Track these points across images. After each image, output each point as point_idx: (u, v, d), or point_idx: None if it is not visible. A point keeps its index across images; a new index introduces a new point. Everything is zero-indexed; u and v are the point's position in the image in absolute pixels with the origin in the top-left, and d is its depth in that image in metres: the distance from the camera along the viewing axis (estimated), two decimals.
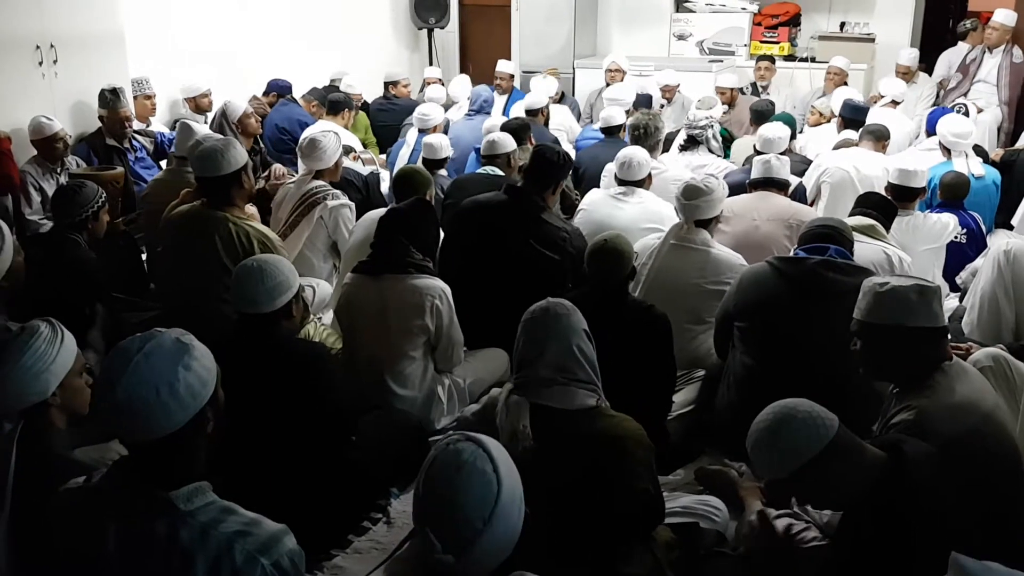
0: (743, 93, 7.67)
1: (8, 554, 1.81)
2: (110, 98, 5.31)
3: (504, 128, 5.28)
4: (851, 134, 5.57)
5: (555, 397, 2.11)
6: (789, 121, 5.96)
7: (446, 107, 7.29)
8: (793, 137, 5.90)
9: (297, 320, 2.79)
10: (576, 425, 2.10)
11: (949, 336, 2.34)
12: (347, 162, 5.27)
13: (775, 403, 2.00)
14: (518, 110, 6.73)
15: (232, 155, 3.44)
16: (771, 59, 7.98)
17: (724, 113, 7.36)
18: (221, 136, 4.38)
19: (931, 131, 5.68)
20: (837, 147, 5.37)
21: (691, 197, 3.54)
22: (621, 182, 4.29)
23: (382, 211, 3.97)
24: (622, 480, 2.08)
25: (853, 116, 5.82)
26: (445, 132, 6.14)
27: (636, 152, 4.34)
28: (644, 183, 4.28)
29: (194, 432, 1.60)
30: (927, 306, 2.20)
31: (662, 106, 7.55)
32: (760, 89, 7.81)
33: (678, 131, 5.98)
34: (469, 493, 1.44)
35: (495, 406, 2.16)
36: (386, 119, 7.44)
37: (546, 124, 6.39)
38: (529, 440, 2.02)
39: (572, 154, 6.14)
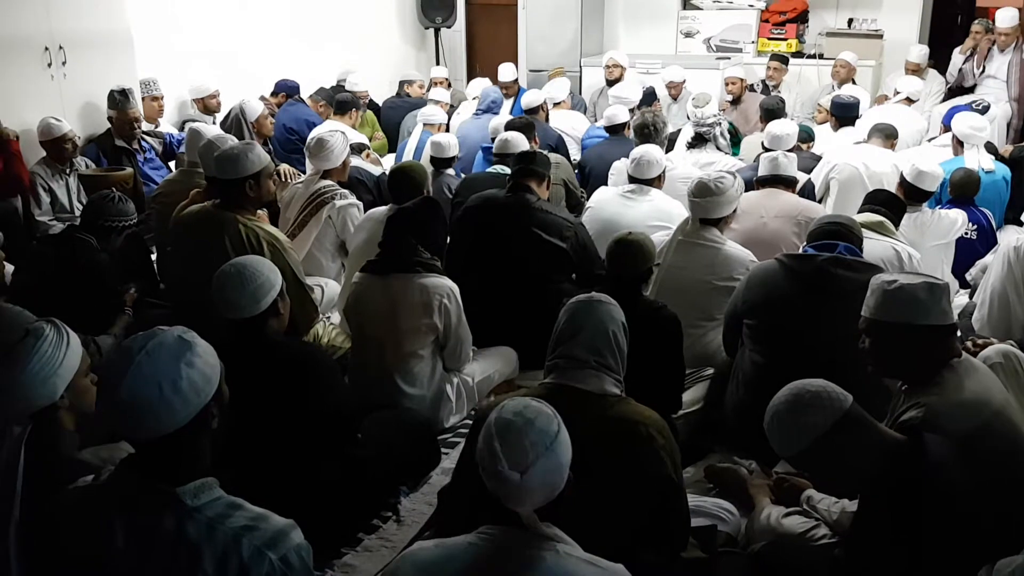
0: (752, 90, 7.65)
1: (18, 558, 1.82)
2: (119, 99, 5.34)
3: (508, 127, 5.29)
4: (851, 131, 5.56)
5: (586, 380, 2.15)
6: (807, 131, 5.94)
7: (456, 106, 7.31)
8: (810, 140, 5.89)
9: (285, 317, 2.73)
10: (603, 408, 2.13)
11: (959, 332, 2.34)
12: (359, 161, 5.27)
13: (789, 384, 2.05)
14: None
15: (253, 158, 3.45)
16: (783, 59, 7.93)
17: (732, 105, 7.34)
18: (238, 139, 4.37)
19: (949, 126, 5.66)
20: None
21: (700, 195, 3.52)
22: (633, 180, 4.29)
23: (382, 210, 3.99)
24: (643, 464, 2.10)
25: (844, 113, 5.82)
26: (447, 130, 6.15)
27: (650, 150, 4.34)
28: (656, 181, 4.29)
29: (199, 428, 1.61)
30: (936, 304, 2.19)
31: (668, 106, 7.54)
32: (770, 88, 7.79)
33: (679, 130, 5.97)
34: (536, 423, 1.62)
35: None
36: (396, 117, 7.42)
37: (546, 120, 6.36)
38: None
39: (578, 153, 6.15)
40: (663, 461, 2.10)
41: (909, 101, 6.71)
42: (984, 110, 5.94)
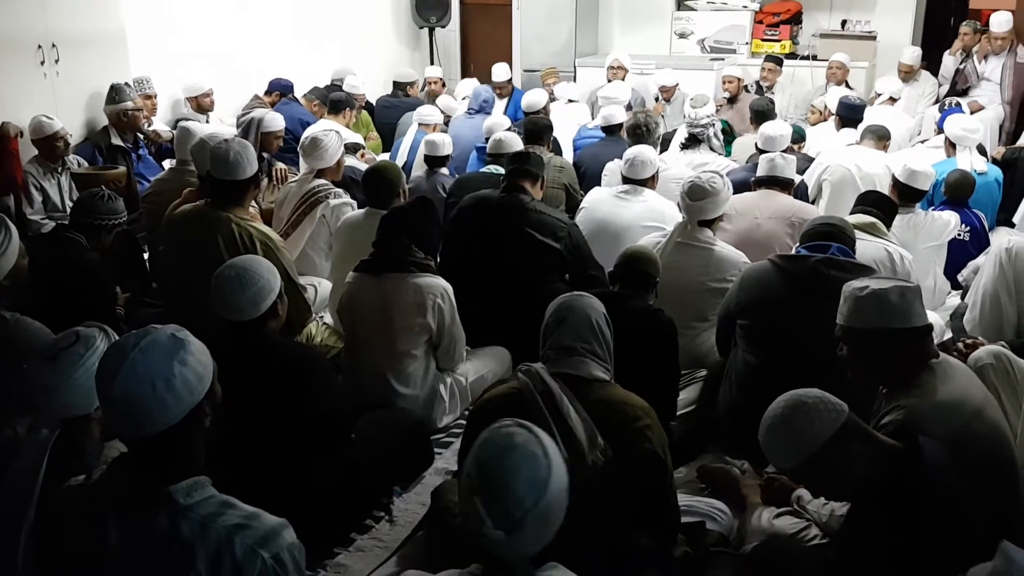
0: (747, 91, 7.67)
1: (31, 561, 1.81)
2: (128, 90, 5.41)
3: (527, 125, 5.32)
4: (851, 132, 5.57)
5: (573, 365, 2.20)
6: (798, 132, 5.95)
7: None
8: (802, 140, 5.89)
9: (283, 318, 2.73)
10: (589, 391, 2.16)
11: (952, 333, 2.34)
12: (353, 161, 5.25)
13: (784, 394, 2.03)
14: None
15: (250, 160, 3.45)
16: (778, 60, 7.94)
17: (728, 103, 7.35)
18: (234, 138, 4.35)
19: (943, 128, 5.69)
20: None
21: (696, 198, 3.53)
22: (627, 180, 4.30)
23: (358, 214, 3.98)
24: (631, 444, 2.13)
25: (850, 114, 5.82)
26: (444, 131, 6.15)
27: (643, 151, 4.36)
28: (650, 182, 4.29)
29: (191, 427, 1.61)
30: (909, 307, 2.19)
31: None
32: (764, 89, 7.80)
33: (675, 130, 5.97)
34: (522, 473, 1.45)
35: None
36: (391, 116, 7.43)
37: None
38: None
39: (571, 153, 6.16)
40: (650, 439, 2.15)
41: (892, 101, 6.73)
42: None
